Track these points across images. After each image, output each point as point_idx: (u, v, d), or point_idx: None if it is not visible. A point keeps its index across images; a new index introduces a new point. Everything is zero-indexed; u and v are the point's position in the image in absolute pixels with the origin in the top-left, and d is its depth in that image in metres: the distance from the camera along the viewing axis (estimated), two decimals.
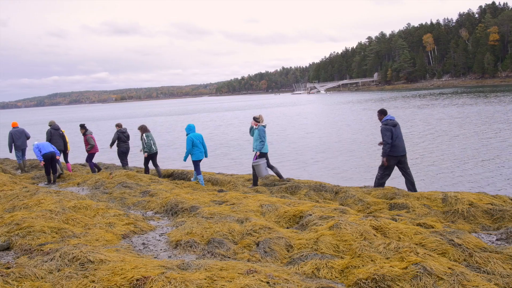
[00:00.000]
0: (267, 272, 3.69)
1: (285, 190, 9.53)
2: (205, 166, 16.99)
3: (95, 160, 14.87)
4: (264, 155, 10.38)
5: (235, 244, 5.18)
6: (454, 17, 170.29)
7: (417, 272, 3.61)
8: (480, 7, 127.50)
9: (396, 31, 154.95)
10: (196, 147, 10.83)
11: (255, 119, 10.52)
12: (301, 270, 4.15)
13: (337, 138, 25.18)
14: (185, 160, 11.07)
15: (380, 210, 7.20)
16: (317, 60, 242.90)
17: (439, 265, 3.72)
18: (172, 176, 12.71)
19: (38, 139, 12.81)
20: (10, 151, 14.18)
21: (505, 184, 12.24)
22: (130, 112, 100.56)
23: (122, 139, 13.38)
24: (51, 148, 11.76)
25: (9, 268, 4.05)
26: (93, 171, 13.68)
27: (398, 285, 3.53)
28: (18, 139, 13.90)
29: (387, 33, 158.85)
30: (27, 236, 5.36)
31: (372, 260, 4.09)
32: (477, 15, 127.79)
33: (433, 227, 5.33)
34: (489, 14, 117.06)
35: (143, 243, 5.50)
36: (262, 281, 3.48)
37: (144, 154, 12.28)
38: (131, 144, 14.11)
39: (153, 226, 6.33)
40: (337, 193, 8.90)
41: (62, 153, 13.43)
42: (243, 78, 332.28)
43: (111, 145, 13.45)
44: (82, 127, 13.49)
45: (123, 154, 13.54)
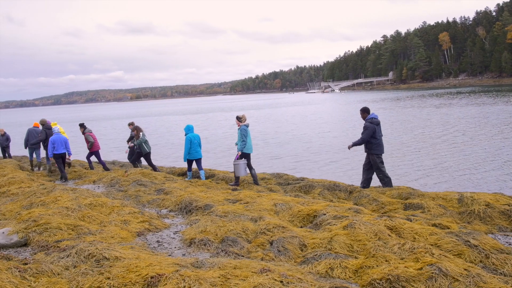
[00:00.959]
0: (280, 271, 3.69)
1: (299, 189, 9.51)
2: (217, 165, 17.05)
3: (104, 158, 15.14)
4: (246, 156, 10.31)
5: (248, 243, 5.19)
6: (471, 15, 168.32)
7: (432, 273, 3.58)
8: (498, 5, 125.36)
9: (412, 29, 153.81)
10: (193, 147, 11.06)
11: (238, 118, 10.51)
12: (314, 269, 4.14)
13: (352, 138, 25.05)
14: (185, 159, 11.25)
15: (394, 210, 7.15)
16: (331, 59, 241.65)
17: (454, 266, 3.68)
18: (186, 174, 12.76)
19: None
20: (25, 147, 14.76)
21: None
22: (146, 111, 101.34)
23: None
24: (63, 148, 12.08)
25: (26, 264, 4.12)
26: (91, 167, 14.00)
27: (412, 286, 3.50)
28: (34, 138, 14.34)
29: (403, 31, 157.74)
30: (44, 232, 5.44)
31: (386, 261, 4.07)
32: (494, 13, 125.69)
33: (448, 228, 5.28)
34: (507, 12, 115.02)
35: (158, 241, 5.54)
36: (275, 280, 3.48)
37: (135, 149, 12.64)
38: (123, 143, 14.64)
39: (167, 224, 6.37)
40: (351, 193, 8.86)
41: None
42: (257, 77, 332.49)
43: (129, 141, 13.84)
44: (81, 126, 13.89)
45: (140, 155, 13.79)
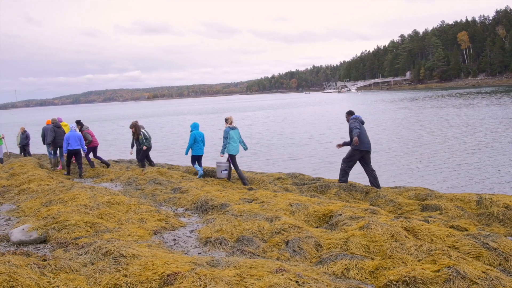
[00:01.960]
0: (296, 271, 3.69)
1: (314, 189, 9.49)
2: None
3: (121, 157, 15.32)
4: (230, 157, 10.75)
5: (264, 242, 5.19)
6: (491, 14, 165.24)
7: (449, 275, 3.53)
8: None
9: (430, 29, 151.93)
10: (197, 144, 11.51)
11: (225, 120, 11.02)
12: (330, 270, 4.13)
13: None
14: (186, 153, 11.75)
15: (411, 211, 7.08)
16: (348, 59, 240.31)
17: (473, 268, 3.64)
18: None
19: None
20: (43, 144, 15.42)
21: None
22: (163, 111, 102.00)
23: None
24: (77, 144, 12.47)
25: (45, 260, 4.18)
26: (92, 165, 14.23)
27: None
28: (50, 136, 14.62)
29: (421, 31, 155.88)
30: (62, 229, 5.52)
31: (403, 262, 4.03)
32: None
33: (466, 230, 5.21)
34: None
35: (174, 239, 5.58)
36: (291, 280, 3.48)
37: (143, 148, 12.60)
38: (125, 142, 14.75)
39: (183, 223, 6.42)
40: (367, 193, 8.80)
41: (59, 149, 13.97)
42: (273, 77, 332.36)
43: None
44: (78, 123, 14.13)
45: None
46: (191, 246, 5.28)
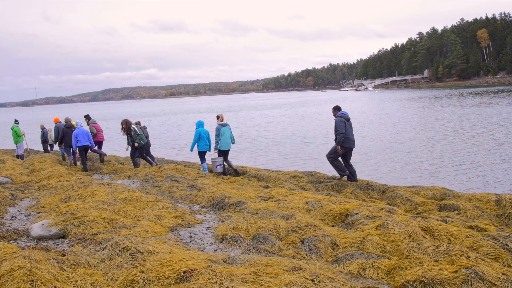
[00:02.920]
0: (312, 270, 3.69)
1: (331, 188, 9.45)
2: (250, 163, 17.12)
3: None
4: (223, 152, 11.61)
5: (280, 241, 5.19)
6: None
7: (468, 276, 3.49)
8: None
9: (449, 26, 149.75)
10: (202, 140, 12.03)
11: (217, 117, 11.77)
12: (346, 269, 4.11)
13: (387, 137, 24.66)
14: (191, 150, 12.26)
15: (429, 211, 7.01)
16: (364, 57, 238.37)
17: (491, 270, 3.58)
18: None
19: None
20: (55, 143, 16.07)
21: None
22: (179, 108, 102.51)
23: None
24: (85, 140, 12.82)
25: (64, 255, 4.25)
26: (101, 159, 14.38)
27: None
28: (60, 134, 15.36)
29: (439, 28, 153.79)
30: (81, 225, 5.60)
31: (420, 262, 3.99)
32: None
33: (485, 231, 5.13)
34: None
35: (190, 236, 5.61)
36: (307, 278, 3.47)
37: (135, 144, 12.59)
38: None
39: (200, 220, 6.45)
40: (384, 192, 8.73)
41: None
42: (289, 75, 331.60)
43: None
44: (86, 117, 14.45)
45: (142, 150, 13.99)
46: (207, 243, 5.31)
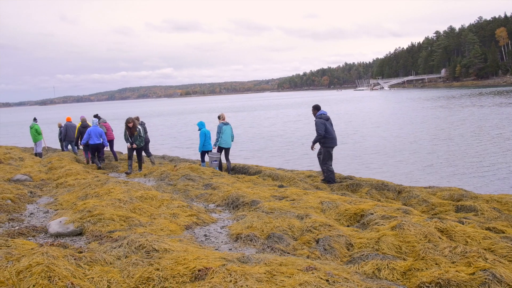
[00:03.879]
0: (326, 270, 3.67)
1: (346, 188, 9.41)
2: (265, 162, 17.12)
3: (154, 153, 15.67)
4: (221, 149, 12.38)
5: (294, 240, 5.19)
6: None
7: (485, 278, 3.44)
8: None
9: (467, 25, 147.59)
10: (206, 140, 12.68)
11: (218, 117, 12.52)
12: (361, 269, 4.09)
13: (405, 137, 24.43)
14: (200, 150, 12.78)
15: (445, 212, 6.93)
16: (379, 56, 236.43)
17: (510, 272, 3.53)
18: (234, 170, 12.93)
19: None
20: (63, 140, 17.28)
21: None
22: (193, 107, 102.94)
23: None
24: (98, 139, 13.11)
25: (81, 252, 4.30)
26: (115, 157, 14.61)
27: None
28: (72, 133, 16.53)
29: (457, 27, 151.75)
30: (97, 223, 5.67)
31: (436, 264, 3.95)
32: None
33: (503, 232, 5.06)
34: None
35: (205, 235, 5.64)
36: (321, 278, 3.46)
37: (133, 146, 12.24)
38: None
39: (214, 219, 6.48)
40: (400, 193, 8.66)
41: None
42: (304, 74, 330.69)
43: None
44: (96, 116, 14.69)
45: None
46: (221, 242, 5.33)
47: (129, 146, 12.16)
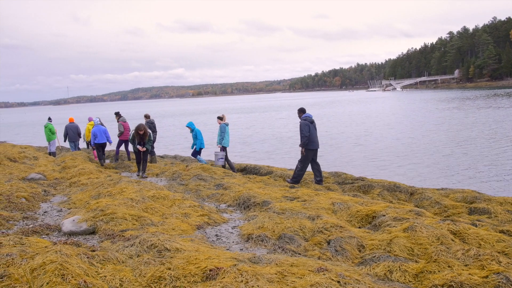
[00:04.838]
0: (338, 271, 3.67)
1: (357, 189, 9.37)
2: (277, 163, 17.11)
3: (166, 153, 15.72)
4: (224, 149, 12.57)
5: (305, 241, 5.18)
6: None
7: (499, 282, 3.40)
8: None
9: (481, 25, 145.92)
10: (199, 139, 13.24)
11: (218, 118, 12.83)
12: (372, 271, 4.07)
13: (418, 139, 24.23)
14: (198, 149, 13.30)
15: (458, 214, 6.87)
16: (391, 56, 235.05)
17: None
18: (245, 170, 12.96)
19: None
20: (64, 141, 17.62)
21: None
22: (205, 108, 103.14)
23: (151, 129, 14.35)
24: (103, 138, 13.41)
25: (94, 251, 4.35)
26: (116, 159, 14.69)
27: None
28: (72, 133, 16.95)
29: (470, 27, 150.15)
30: (110, 222, 5.72)
31: (449, 266, 3.92)
32: None
33: None
34: None
35: (216, 235, 5.66)
36: (332, 280, 3.46)
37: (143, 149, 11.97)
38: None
39: (226, 219, 6.50)
40: (412, 194, 8.60)
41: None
42: (316, 75, 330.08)
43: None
44: (117, 114, 14.91)
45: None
46: (233, 242, 5.34)
47: (139, 149, 11.32)
